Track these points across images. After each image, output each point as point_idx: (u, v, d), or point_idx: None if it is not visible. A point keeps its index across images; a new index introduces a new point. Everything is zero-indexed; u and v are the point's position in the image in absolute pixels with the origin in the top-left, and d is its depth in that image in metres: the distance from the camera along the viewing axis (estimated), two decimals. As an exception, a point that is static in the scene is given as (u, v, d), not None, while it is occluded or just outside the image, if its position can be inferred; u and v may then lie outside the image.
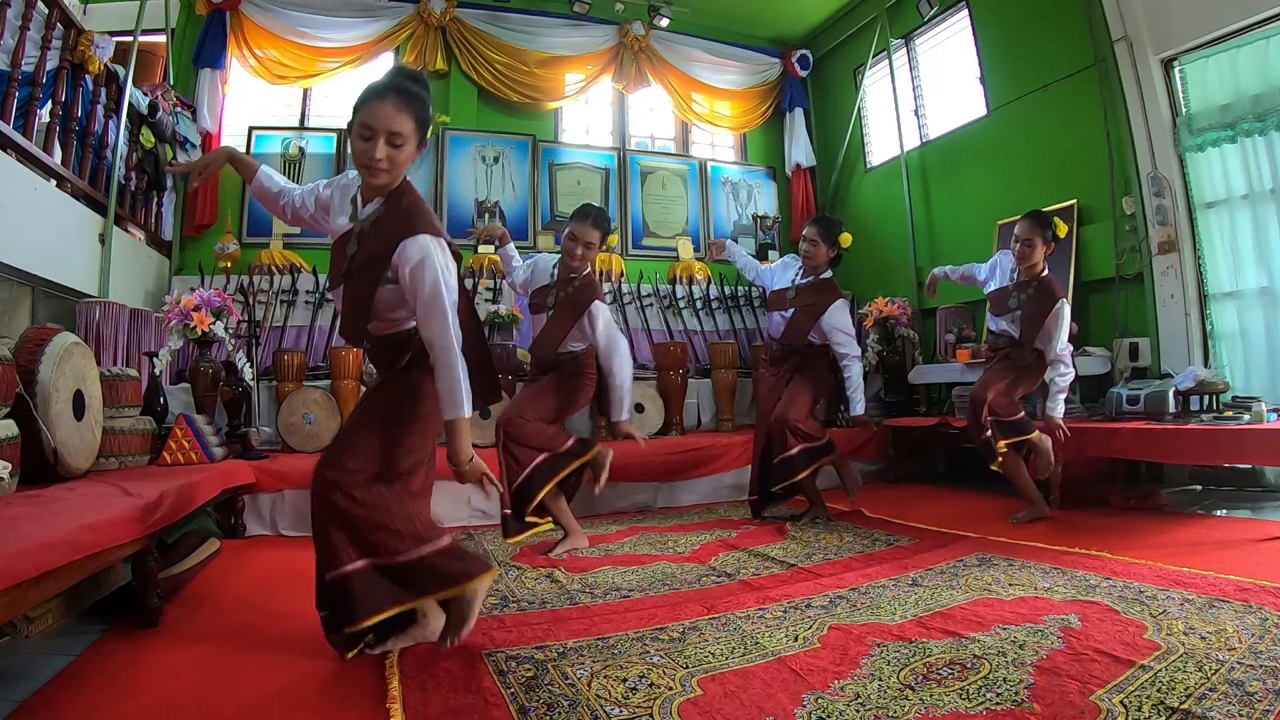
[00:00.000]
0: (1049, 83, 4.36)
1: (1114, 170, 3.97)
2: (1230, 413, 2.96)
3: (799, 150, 6.28)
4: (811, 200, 6.30)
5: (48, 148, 3.27)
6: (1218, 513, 3.04)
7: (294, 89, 5.30)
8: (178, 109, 4.43)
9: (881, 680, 1.43)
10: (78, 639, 1.82)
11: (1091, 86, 4.07)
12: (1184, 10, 3.61)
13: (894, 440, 4.40)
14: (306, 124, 5.35)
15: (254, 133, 5.10)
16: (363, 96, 1.64)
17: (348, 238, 1.75)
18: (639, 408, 4.28)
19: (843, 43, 6.10)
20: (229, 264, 4.61)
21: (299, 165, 5.11)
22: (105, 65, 3.56)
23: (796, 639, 1.69)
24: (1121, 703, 1.26)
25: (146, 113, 4.11)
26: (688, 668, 1.53)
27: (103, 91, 3.69)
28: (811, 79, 6.47)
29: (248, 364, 3.48)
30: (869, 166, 5.99)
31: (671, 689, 1.42)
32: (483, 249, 4.98)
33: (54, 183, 3.27)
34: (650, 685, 1.44)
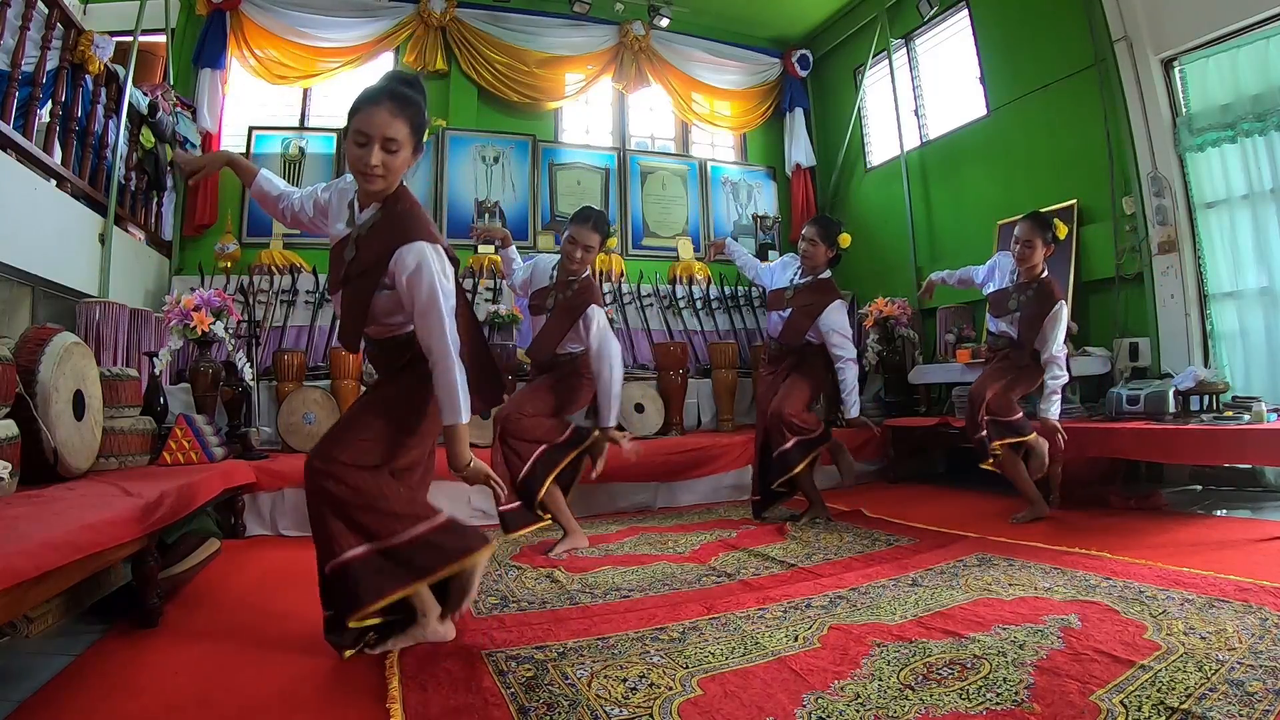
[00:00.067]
0: (1049, 83, 4.36)
1: (1114, 170, 3.97)
2: (1230, 413, 2.96)
3: (799, 150, 6.28)
4: (811, 200, 6.30)
5: (48, 148, 3.27)
6: (1218, 513, 3.04)
7: (294, 89, 5.30)
8: (178, 109, 4.43)
9: (881, 680, 1.43)
10: (78, 639, 1.82)
11: (1091, 86, 4.07)
12: (1184, 10, 3.61)
13: (894, 440, 4.40)
14: (306, 124, 5.35)
15: (254, 133, 5.09)
16: (357, 102, 1.63)
17: (345, 243, 1.75)
18: (639, 408, 4.28)
19: (843, 43, 6.10)
20: (229, 264, 4.61)
21: (299, 165, 5.11)
22: (105, 65, 3.56)
23: (796, 639, 1.69)
24: (1121, 703, 1.26)
25: (146, 113, 4.12)
26: (688, 668, 1.53)
27: (103, 91, 3.69)
28: (811, 79, 6.47)
29: (248, 364, 3.48)
30: (869, 166, 5.98)
31: (671, 689, 1.42)
32: (483, 249, 4.99)
33: (54, 183, 3.27)
34: (650, 685, 1.44)
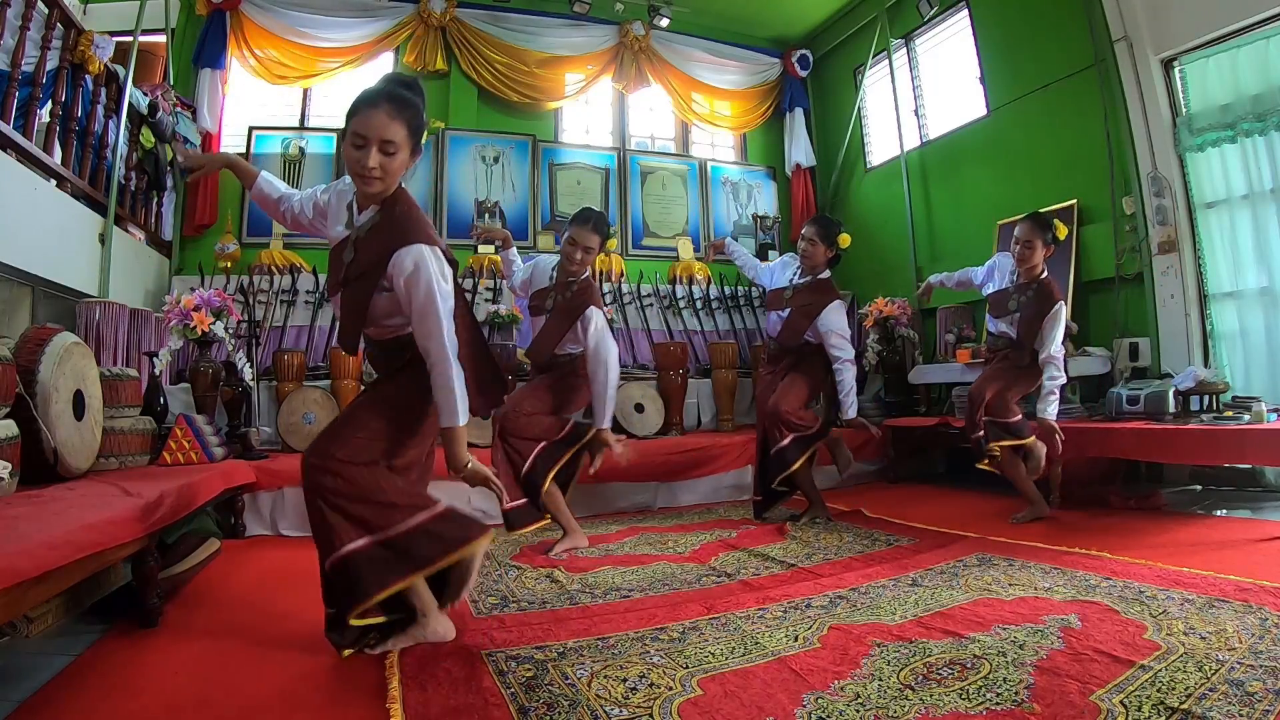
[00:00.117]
0: (1049, 83, 4.36)
1: (1114, 170, 3.97)
2: (1230, 413, 2.96)
3: (799, 150, 6.28)
4: (811, 200, 6.30)
5: (48, 148, 3.27)
6: (1218, 513, 3.04)
7: (294, 89, 5.30)
8: (178, 109, 4.43)
9: (881, 680, 1.43)
10: (78, 639, 1.82)
11: (1091, 86, 4.07)
12: (1184, 10, 3.61)
13: (894, 440, 4.40)
14: (306, 124, 5.35)
15: (254, 133, 5.09)
16: (355, 104, 1.63)
17: (344, 245, 1.75)
18: (639, 408, 4.28)
19: (843, 43, 6.10)
20: (229, 264, 4.61)
21: (299, 165, 5.11)
22: (105, 65, 3.56)
23: (796, 639, 1.69)
24: (1121, 703, 1.26)
25: (146, 113, 4.12)
26: (688, 668, 1.53)
27: (103, 91, 3.69)
28: (811, 79, 6.47)
29: (248, 364, 3.48)
30: (869, 166, 5.98)
31: (671, 689, 1.42)
32: (483, 249, 4.99)
33: (54, 183, 3.27)
34: (650, 685, 1.44)
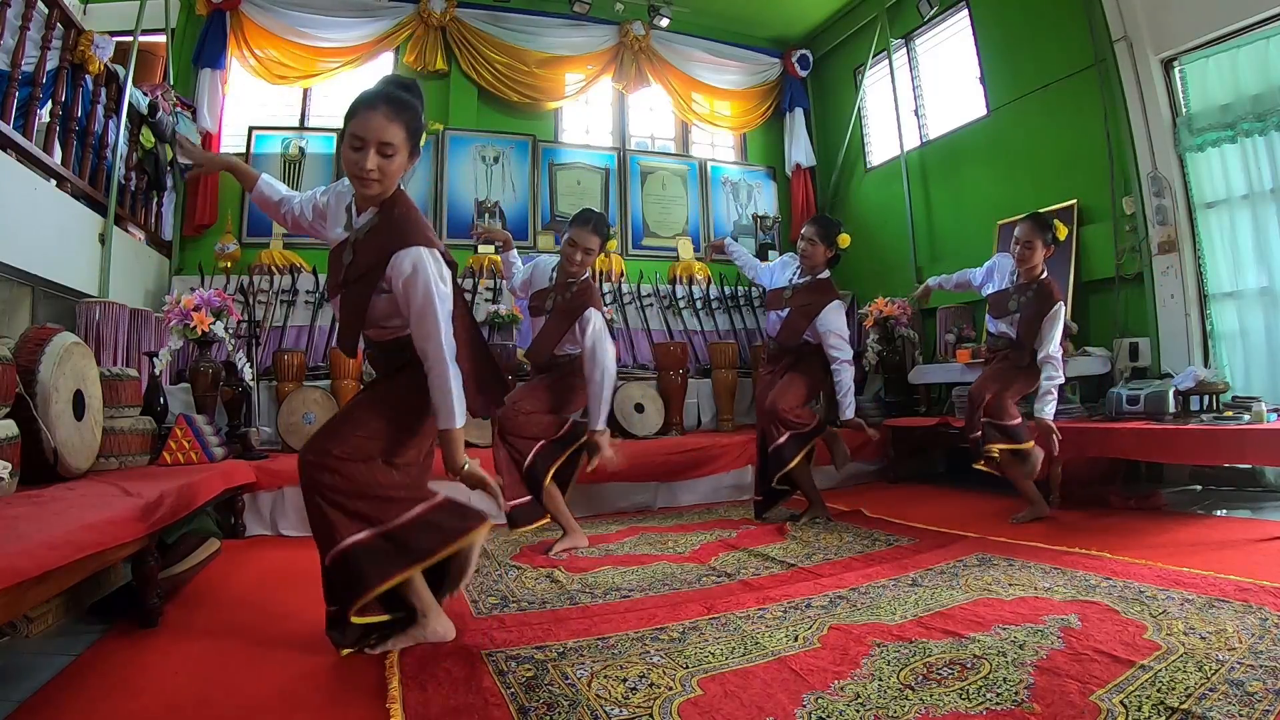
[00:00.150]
0: (1049, 83, 4.36)
1: (1114, 170, 3.96)
2: (1230, 413, 2.95)
3: (799, 150, 6.28)
4: (811, 200, 6.30)
5: (48, 148, 3.27)
6: (1218, 513, 3.04)
7: (294, 89, 5.30)
8: (178, 109, 4.43)
9: (881, 680, 1.43)
10: (78, 639, 1.82)
11: (1091, 86, 4.07)
12: (1184, 10, 3.61)
13: (894, 440, 4.40)
14: (306, 124, 5.35)
15: (254, 133, 5.09)
16: (353, 106, 1.63)
17: (343, 247, 1.75)
18: (639, 408, 4.28)
19: (843, 43, 6.10)
20: (229, 264, 4.61)
21: (299, 165, 5.11)
22: (105, 65, 3.56)
23: (796, 639, 1.69)
24: (1121, 703, 1.26)
25: (146, 113, 4.12)
26: (688, 668, 1.53)
27: (103, 91, 3.69)
28: (811, 79, 6.47)
29: (248, 364, 3.48)
30: (869, 166, 5.98)
31: (671, 689, 1.42)
32: (483, 249, 5.00)
33: (54, 183, 3.27)
34: (650, 685, 1.44)
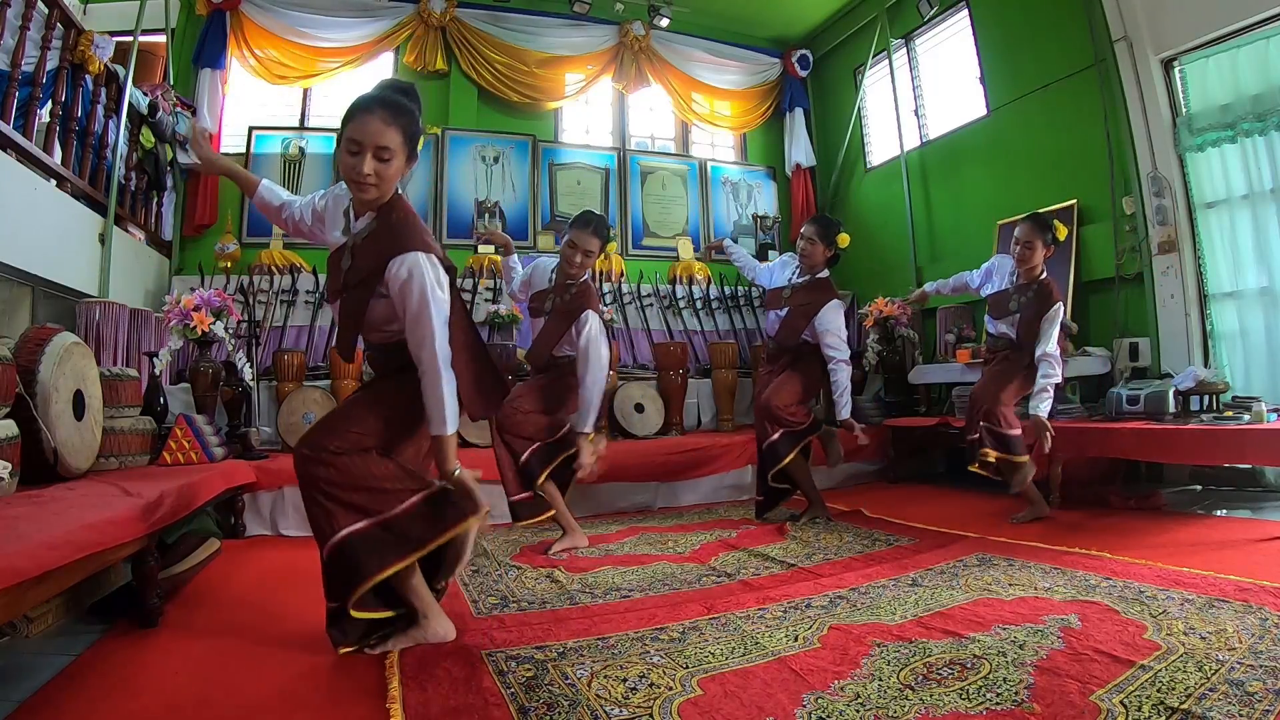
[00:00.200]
0: (1049, 83, 4.36)
1: (1114, 170, 3.96)
2: (1230, 413, 2.95)
3: (799, 150, 6.28)
4: (811, 200, 6.30)
5: (48, 148, 3.27)
6: (1218, 513, 3.04)
7: (294, 89, 5.30)
8: (178, 109, 4.43)
9: (881, 680, 1.43)
10: (78, 639, 1.82)
11: (1091, 86, 4.07)
12: (1184, 10, 3.61)
13: (894, 440, 4.40)
14: (306, 124, 5.35)
15: (254, 133, 5.09)
16: (350, 110, 1.63)
17: (342, 252, 1.75)
18: (639, 408, 4.28)
19: (843, 43, 6.10)
20: (229, 264, 4.61)
21: (299, 165, 5.11)
22: (105, 65, 3.56)
23: (796, 639, 1.69)
24: (1121, 703, 1.26)
25: (146, 113, 4.12)
26: (688, 668, 1.53)
27: (103, 91, 3.69)
28: (811, 79, 6.47)
29: (248, 364, 3.48)
30: (869, 166, 5.98)
31: (671, 689, 1.42)
32: (483, 249, 5.00)
33: (54, 183, 3.27)
34: (650, 685, 1.44)
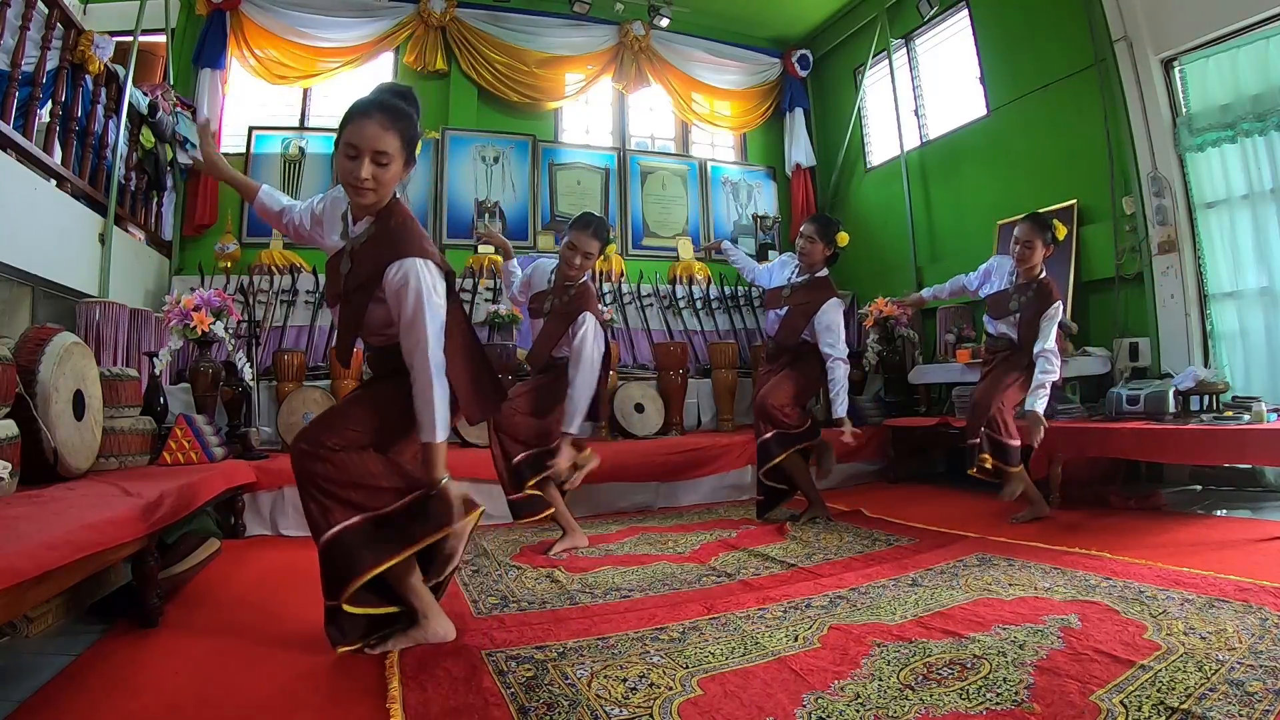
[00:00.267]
0: (1049, 83, 4.36)
1: (1114, 170, 3.96)
2: (1230, 413, 2.95)
3: (799, 150, 6.28)
4: (811, 200, 6.30)
5: (48, 148, 3.27)
6: (1218, 513, 3.04)
7: (294, 89, 5.30)
8: (178, 109, 4.43)
9: (881, 680, 1.43)
10: (78, 639, 1.82)
11: (1091, 86, 4.07)
12: (1184, 10, 3.61)
13: (894, 440, 4.40)
14: (306, 124, 5.35)
15: (254, 133, 5.09)
16: (348, 114, 1.62)
17: (341, 256, 1.75)
18: (639, 408, 4.28)
19: (843, 43, 6.11)
20: (229, 264, 4.61)
21: (299, 165, 5.11)
22: (105, 65, 3.56)
23: (796, 639, 1.69)
24: (1121, 703, 1.26)
25: (146, 113, 4.12)
26: (688, 668, 1.53)
27: (103, 91, 3.69)
28: (811, 79, 6.47)
29: (248, 364, 3.48)
30: (869, 166, 5.99)
31: (671, 689, 1.42)
32: (483, 249, 5.00)
33: (54, 183, 3.27)
34: (650, 685, 1.44)
